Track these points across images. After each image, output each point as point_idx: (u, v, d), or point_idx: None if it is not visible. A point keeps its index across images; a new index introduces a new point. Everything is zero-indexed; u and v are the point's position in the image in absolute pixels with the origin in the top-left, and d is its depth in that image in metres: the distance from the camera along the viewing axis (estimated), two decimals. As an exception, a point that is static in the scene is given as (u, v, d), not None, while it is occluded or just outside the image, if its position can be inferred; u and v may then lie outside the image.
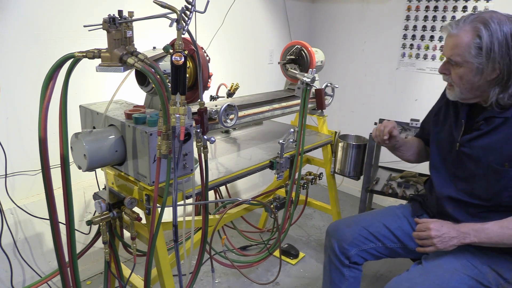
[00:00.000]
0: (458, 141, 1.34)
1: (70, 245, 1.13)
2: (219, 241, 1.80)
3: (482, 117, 1.28)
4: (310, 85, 1.71)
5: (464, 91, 1.25)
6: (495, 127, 1.25)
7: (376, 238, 1.47)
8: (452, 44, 1.21)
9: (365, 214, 1.57)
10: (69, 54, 1.03)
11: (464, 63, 1.20)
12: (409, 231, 1.47)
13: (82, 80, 1.78)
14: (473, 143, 1.30)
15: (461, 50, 1.19)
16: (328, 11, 3.15)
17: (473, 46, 1.17)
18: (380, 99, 3.00)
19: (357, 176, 2.11)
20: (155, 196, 1.11)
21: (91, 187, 1.95)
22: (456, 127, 1.37)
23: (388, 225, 1.48)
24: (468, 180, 1.32)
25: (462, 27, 1.19)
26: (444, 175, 1.40)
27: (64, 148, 1.07)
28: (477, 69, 1.19)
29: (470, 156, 1.30)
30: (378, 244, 1.47)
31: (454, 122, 1.39)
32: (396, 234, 1.47)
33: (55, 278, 1.30)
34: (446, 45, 1.25)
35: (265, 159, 1.65)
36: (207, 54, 1.35)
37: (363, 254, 1.46)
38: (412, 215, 1.51)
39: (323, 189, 3.32)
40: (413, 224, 1.47)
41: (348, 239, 1.46)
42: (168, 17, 1.02)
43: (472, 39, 1.17)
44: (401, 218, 1.51)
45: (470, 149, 1.30)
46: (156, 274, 1.34)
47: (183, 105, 1.07)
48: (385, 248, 1.47)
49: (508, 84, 1.20)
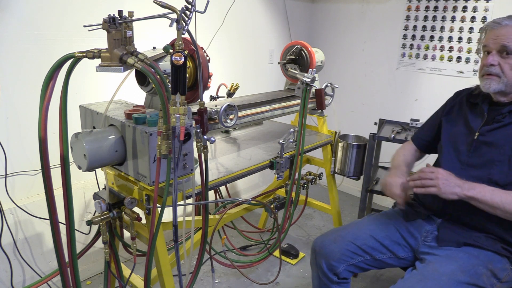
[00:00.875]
0: (477, 131, 1.37)
1: (70, 245, 1.13)
2: (219, 241, 1.80)
3: (507, 110, 1.34)
4: (310, 85, 1.71)
5: (511, 81, 1.29)
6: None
7: (364, 251, 1.42)
8: (508, 33, 1.26)
9: (350, 227, 1.50)
10: (69, 54, 1.03)
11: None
12: (398, 238, 1.44)
13: (82, 80, 1.78)
14: (494, 133, 1.34)
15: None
16: (328, 11, 3.15)
17: None
18: (380, 99, 3.00)
19: (357, 176, 2.11)
20: (155, 196, 1.11)
21: (91, 187, 1.95)
22: (475, 119, 1.41)
23: (375, 235, 1.43)
24: (485, 166, 1.33)
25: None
26: (455, 164, 1.40)
27: (64, 148, 1.07)
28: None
29: (491, 143, 1.33)
30: (367, 257, 1.42)
31: (471, 116, 1.42)
32: (384, 244, 1.43)
33: (55, 278, 1.30)
34: (497, 36, 1.29)
35: (265, 159, 1.65)
36: (207, 54, 1.35)
37: (351, 268, 1.42)
38: (406, 220, 1.47)
39: (323, 189, 3.32)
40: (401, 230, 1.45)
41: (335, 256, 1.40)
42: (168, 17, 1.02)
43: None
44: (389, 226, 1.47)
45: (491, 137, 1.34)
46: (156, 274, 1.34)
47: (183, 105, 1.07)
48: (374, 260, 1.43)
49: None
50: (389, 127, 2.24)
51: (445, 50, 2.61)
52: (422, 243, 1.40)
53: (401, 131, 2.17)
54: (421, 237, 1.41)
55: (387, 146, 2.28)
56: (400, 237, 1.44)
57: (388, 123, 2.33)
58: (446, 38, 2.58)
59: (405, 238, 1.44)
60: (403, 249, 1.44)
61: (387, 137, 2.05)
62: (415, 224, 1.45)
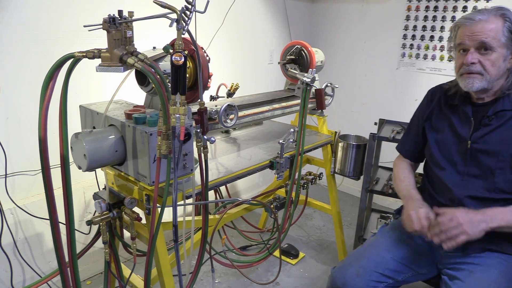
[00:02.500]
0: (469, 139, 1.32)
1: (70, 245, 1.13)
2: (219, 241, 1.80)
3: (492, 111, 1.29)
4: (310, 85, 1.71)
5: (493, 78, 1.26)
6: (506, 120, 1.27)
7: (387, 277, 1.35)
8: (484, 29, 1.22)
9: (369, 253, 1.41)
10: (69, 54, 1.03)
11: (497, 48, 1.22)
12: (414, 254, 1.39)
13: (82, 80, 1.78)
14: (487, 138, 1.29)
15: (496, 33, 1.22)
16: (328, 11, 3.15)
17: (506, 29, 1.22)
18: (380, 99, 3.00)
19: (357, 176, 2.11)
20: (155, 196, 1.11)
21: (91, 187, 1.95)
22: (462, 126, 1.35)
23: (395, 257, 1.37)
24: (487, 176, 1.29)
25: (489, 14, 1.23)
26: (456, 177, 1.35)
27: (64, 148, 1.07)
28: (505, 54, 1.23)
29: (487, 152, 1.29)
30: (389, 281, 1.36)
31: (457, 122, 1.37)
32: (405, 263, 1.37)
33: (55, 278, 1.30)
34: (473, 33, 1.24)
35: (265, 159, 1.65)
36: (207, 54, 1.35)
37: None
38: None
39: (323, 189, 3.32)
40: (417, 244, 1.40)
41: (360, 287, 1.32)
42: (168, 17, 1.02)
43: (503, 22, 1.22)
44: (405, 241, 1.42)
45: (485, 145, 1.29)
46: (156, 274, 1.34)
47: (183, 105, 1.07)
48: (396, 282, 1.37)
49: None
50: (389, 127, 2.24)
51: (445, 50, 2.61)
52: (444, 253, 1.35)
53: (401, 131, 2.17)
54: (441, 248, 1.31)
55: (387, 146, 2.28)
56: (417, 253, 1.39)
57: (388, 123, 2.33)
58: (446, 38, 2.58)
59: (422, 253, 1.40)
60: (423, 264, 1.39)
61: (387, 137, 2.04)
62: None
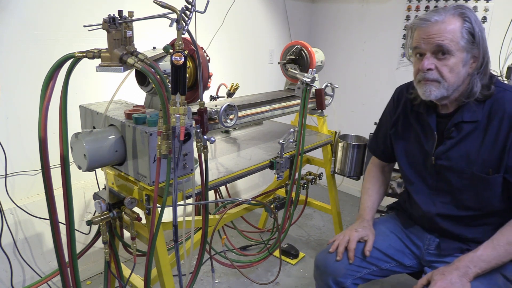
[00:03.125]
0: (433, 154, 1.26)
1: (70, 245, 1.13)
2: (219, 241, 1.80)
3: (451, 123, 1.22)
4: (310, 85, 1.71)
5: (452, 86, 1.16)
6: (468, 133, 1.20)
7: (370, 263, 1.35)
8: (441, 30, 1.11)
9: None
10: (69, 54, 1.03)
11: (455, 51, 1.12)
12: (401, 247, 1.40)
13: (82, 80, 1.78)
14: (449, 154, 1.23)
15: (453, 35, 1.10)
16: (328, 11, 3.15)
17: (465, 31, 1.11)
18: (380, 99, 2.99)
19: (357, 176, 2.11)
20: (155, 196, 1.11)
21: (91, 187, 1.95)
22: (427, 140, 1.29)
23: (379, 246, 1.37)
24: (454, 193, 1.26)
25: (446, 14, 1.12)
26: (423, 190, 1.33)
27: (64, 148, 1.07)
28: (465, 58, 1.13)
29: (450, 168, 1.23)
30: (373, 268, 1.36)
31: (422, 134, 1.31)
32: (388, 254, 1.37)
33: (55, 278, 1.30)
34: (429, 35, 1.13)
35: (265, 159, 1.65)
36: (207, 54, 1.35)
37: (358, 281, 1.36)
38: (405, 227, 1.43)
39: (323, 189, 3.32)
40: (403, 238, 1.41)
41: (341, 272, 1.32)
42: (168, 17, 1.02)
43: (462, 23, 1.11)
44: (389, 235, 1.42)
45: (448, 161, 1.23)
46: (156, 274, 1.34)
47: (183, 105, 1.07)
48: (380, 270, 1.37)
49: (486, 72, 1.16)
50: (389, 127, 2.24)
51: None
52: (425, 251, 1.36)
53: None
54: (423, 246, 1.37)
55: (387, 146, 2.28)
56: (403, 245, 1.40)
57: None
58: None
59: (408, 247, 1.40)
60: (408, 257, 1.40)
61: (387, 137, 2.04)
62: (415, 231, 1.40)
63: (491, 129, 1.16)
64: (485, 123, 1.17)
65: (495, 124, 1.16)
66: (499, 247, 1.15)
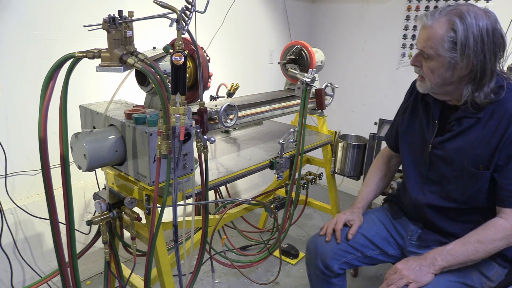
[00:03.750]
0: (430, 142, 1.30)
1: (70, 245, 1.13)
2: (219, 241, 1.80)
3: (454, 117, 1.25)
4: (310, 85, 1.71)
5: (434, 85, 1.21)
6: (467, 127, 1.22)
7: (355, 249, 1.43)
8: (426, 36, 1.16)
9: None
10: (69, 54, 1.03)
11: (436, 57, 1.15)
12: (386, 236, 1.46)
13: (82, 80, 1.78)
14: (446, 145, 1.26)
15: (434, 43, 1.14)
16: (328, 11, 3.15)
17: (447, 40, 1.12)
18: (380, 99, 3.00)
19: (357, 176, 2.11)
20: (155, 196, 1.11)
21: (91, 187, 1.95)
22: (428, 128, 1.32)
23: (366, 234, 1.44)
24: (441, 183, 1.29)
25: (437, 19, 1.14)
26: (416, 178, 1.37)
27: (64, 148, 1.07)
28: (449, 64, 1.14)
29: (444, 158, 1.27)
30: (358, 254, 1.43)
31: (425, 122, 1.34)
32: (374, 241, 1.44)
33: (55, 278, 1.30)
34: (419, 37, 1.20)
35: (265, 159, 1.65)
36: (207, 54, 1.35)
37: (344, 266, 1.43)
38: (393, 218, 1.49)
39: (323, 189, 3.32)
40: (389, 228, 1.47)
41: (329, 255, 1.41)
42: (168, 17, 1.02)
43: (447, 32, 1.12)
44: (377, 223, 1.48)
45: (443, 151, 1.27)
46: (156, 274, 1.34)
47: (183, 105, 1.07)
48: (364, 256, 1.44)
49: (482, 82, 1.15)
50: (389, 127, 2.24)
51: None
52: (408, 242, 1.42)
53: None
54: (407, 236, 1.43)
55: (387, 146, 2.28)
56: (388, 235, 1.46)
57: (388, 123, 2.32)
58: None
59: (393, 236, 1.46)
60: (392, 246, 1.46)
61: (387, 137, 2.04)
62: (401, 222, 1.46)
63: (490, 127, 1.18)
64: (486, 120, 1.19)
65: (494, 123, 1.18)
66: (469, 244, 1.18)
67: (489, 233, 1.18)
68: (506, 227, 1.17)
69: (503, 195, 1.18)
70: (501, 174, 1.17)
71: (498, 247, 1.18)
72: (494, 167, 1.18)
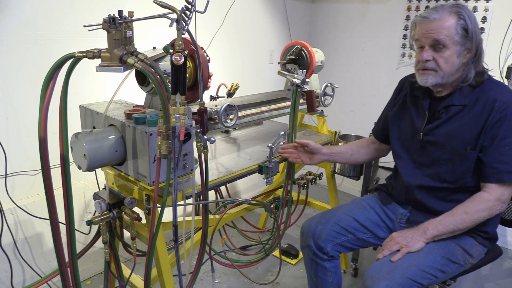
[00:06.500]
0: (421, 130, 1.44)
1: (70, 245, 1.13)
2: (219, 241, 1.80)
3: (442, 106, 1.39)
4: (301, 86, 1.62)
5: (446, 75, 1.32)
6: (454, 114, 1.36)
7: (348, 231, 1.53)
8: (438, 27, 1.28)
9: (334, 210, 1.63)
10: (69, 54, 1.03)
11: (450, 45, 1.28)
12: (377, 220, 1.56)
13: (82, 80, 1.78)
14: (435, 131, 1.40)
15: (449, 31, 1.27)
16: (328, 11, 3.15)
17: (460, 27, 1.27)
18: (380, 99, 2.98)
19: (357, 176, 2.11)
20: (155, 196, 1.11)
21: (91, 187, 1.95)
22: (418, 118, 1.46)
23: (357, 218, 1.55)
24: (433, 165, 1.42)
25: (443, 12, 1.28)
26: (408, 164, 1.50)
27: (64, 148, 1.07)
28: (459, 51, 1.29)
29: (435, 143, 1.40)
30: (350, 237, 1.53)
31: (415, 114, 1.48)
32: (365, 225, 1.54)
33: (55, 278, 1.30)
34: (428, 30, 1.30)
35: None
36: (207, 54, 1.35)
37: (337, 247, 1.52)
38: (383, 204, 1.59)
39: (323, 189, 3.32)
40: (380, 213, 1.57)
41: (322, 236, 1.51)
42: (168, 17, 1.02)
43: (457, 20, 1.27)
44: (368, 209, 1.59)
45: (434, 137, 1.40)
46: (156, 274, 1.34)
47: (183, 105, 1.07)
48: (357, 239, 1.54)
49: (481, 59, 1.33)
50: (389, 127, 2.24)
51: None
52: (397, 225, 1.53)
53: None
54: (396, 220, 1.54)
55: (387, 146, 2.27)
56: (379, 219, 1.57)
57: (388, 123, 2.33)
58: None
59: (384, 220, 1.57)
60: (382, 230, 1.56)
61: (387, 137, 2.04)
62: (391, 208, 1.57)
63: (475, 112, 1.33)
64: (471, 106, 1.34)
65: (479, 108, 1.33)
66: (457, 215, 1.33)
67: (474, 204, 1.33)
68: (489, 199, 1.32)
69: (487, 171, 1.33)
70: (486, 154, 1.32)
71: (482, 217, 1.32)
72: (480, 148, 1.32)
